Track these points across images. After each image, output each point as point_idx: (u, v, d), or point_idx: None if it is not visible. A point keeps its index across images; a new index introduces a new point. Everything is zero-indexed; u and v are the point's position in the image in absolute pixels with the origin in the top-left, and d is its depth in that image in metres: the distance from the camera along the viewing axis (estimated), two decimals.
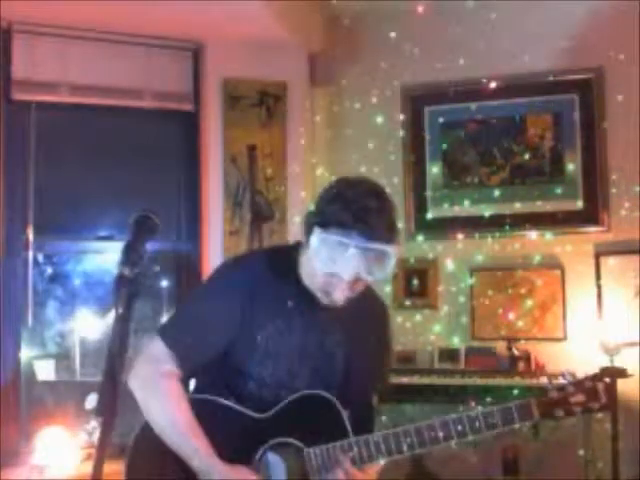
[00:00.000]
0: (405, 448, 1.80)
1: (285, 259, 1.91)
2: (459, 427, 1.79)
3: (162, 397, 1.81)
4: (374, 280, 1.81)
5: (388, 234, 1.75)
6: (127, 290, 1.37)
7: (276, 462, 1.82)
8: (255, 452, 1.81)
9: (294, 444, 1.82)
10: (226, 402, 1.84)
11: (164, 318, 3.98)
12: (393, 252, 1.76)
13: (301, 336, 1.89)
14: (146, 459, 1.82)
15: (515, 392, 3.77)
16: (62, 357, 4.17)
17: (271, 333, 1.86)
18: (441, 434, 1.79)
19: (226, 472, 1.74)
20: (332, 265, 1.74)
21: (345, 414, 1.85)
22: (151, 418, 1.80)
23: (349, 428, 1.84)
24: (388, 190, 1.86)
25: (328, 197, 1.81)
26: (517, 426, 1.82)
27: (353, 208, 1.73)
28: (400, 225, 4.78)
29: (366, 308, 1.94)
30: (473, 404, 3.90)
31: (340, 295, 1.79)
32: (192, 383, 1.97)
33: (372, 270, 1.75)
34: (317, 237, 1.76)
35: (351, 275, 1.74)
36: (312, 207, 1.85)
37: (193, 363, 1.85)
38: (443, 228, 4.45)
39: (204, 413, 1.81)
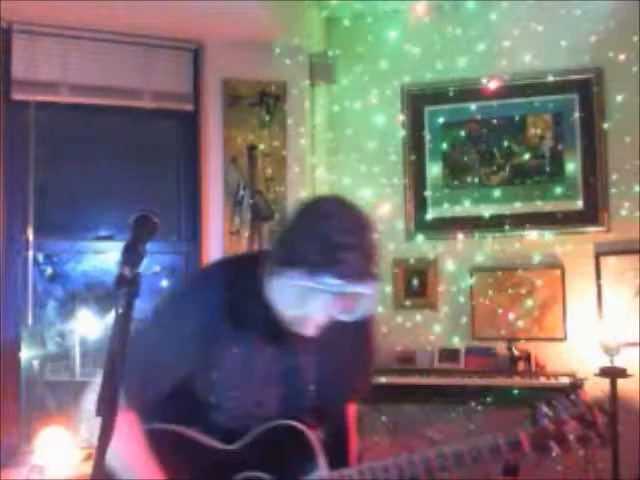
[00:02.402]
0: None
1: (249, 277, 1.68)
2: (441, 462, 1.65)
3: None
4: (352, 319, 1.63)
5: (365, 273, 1.54)
6: (127, 290, 1.37)
7: None
8: None
9: (263, 479, 1.70)
10: (191, 433, 1.72)
11: None
12: (371, 292, 1.57)
13: (268, 362, 1.72)
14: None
15: (515, 392, 3.77)
16: (62, 357, 4.17)
17: (233, 362, 1.70)
18: (422, 470, 1.64)
19: None
20: (300, 309, 1.58)
21: (317, 439, 1.72)
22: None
23: (321, 458, 1.70)
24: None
25: (295, 230, 1.59)
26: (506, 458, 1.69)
27: (325, 247, 1.50)
28: (400, 225, 4.76)
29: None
30: (473, 404, 3.91)
31: (311, 331, 1.65)
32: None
33: (347, 311, 1.59)
34: (283, 278, 1.56)
35: (322, 319, 1.60)
36: (277, 234, 1.63)
37: (143, 402, 1.68)
38: (443, 228, 4.45)
39: (167, 444, 1.68)
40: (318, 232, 1.53)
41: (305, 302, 1.57)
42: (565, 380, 3.80)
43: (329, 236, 1.52)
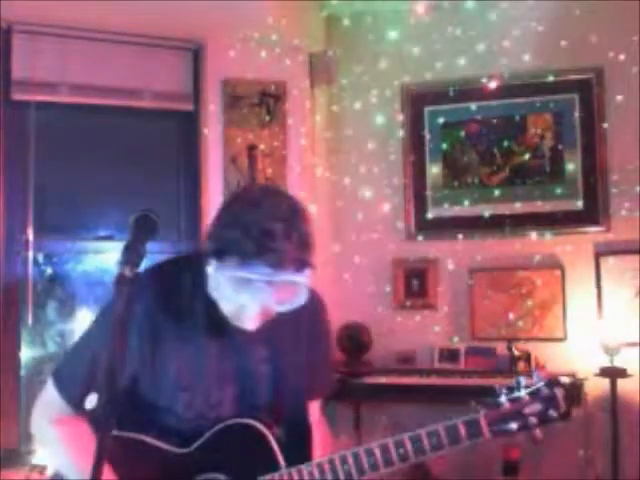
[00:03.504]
0: (342, 476, 1.61)
1: (190, 275, 1.66)
2: (400, 450, 1.60)
3: (54, 445, 1.74)
4: (284, 310, 1.58)
5: (298, 260, 1.50)
6: (127, 290, 1.37)
7: None
8: None
9: None
10: (144, 438, 1.69)
11: None
12: (304, 280, 1.53)
13: (216, 361, 1.69)
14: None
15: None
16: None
17: (179, 363, 1.67)
18: (381, 459, 1.60)
19: None
20: (235, 299, 1.55)
21: (275, 437, 1.69)
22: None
23: (279, 456, 1.66)
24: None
25: (225, 220, 1.55)
26: (467, 444, 1.61)
27: (254, 234, 1.47)
28: (400, 225, 4.75)
29: (293, 311, 1.67)
30: (473, 404, 3.91)
31: (251, 324, 1.60)
32: None
33: (282, 301, 1.54)
34: (214, 270, 1.53)
35: (257, 309, 1.56)
36: (209, 227, 1.58)
37: (82, 397, 1.59)
38: (443, 228, 4.45)
39: (121, 450, 1.62)
40: (248, 221, 1.49)
41: (239, 293, 1.53)
42: (565, 380, 3.79)
43: (259, 224, 1.49)
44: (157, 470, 1.68)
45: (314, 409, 1.90)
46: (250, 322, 1.60)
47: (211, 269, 1.54)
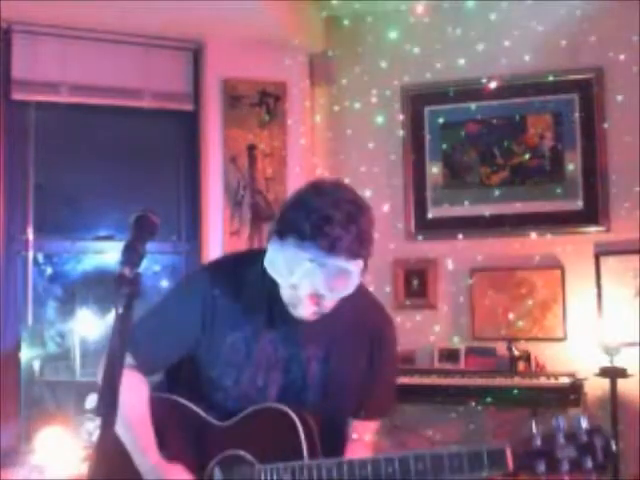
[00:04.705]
0: (358, 479, 1.61)
1: (256, 263, 1.72)
2: (420, 465, 1.58)
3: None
4: (335, 297, 1.65)
5: (352, 249, 1.59)
6: (127, 290, 1.37)
7: None
8: (208, 461, 1.74)
9: (247, 459, 1.71)
10: (190, 406, 1.78)
11: None
12: (356, 269, 1.62)
13: (269, 346, 1.76)
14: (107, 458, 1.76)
15: (515, 392, 3.77)
16: (62, 357, 4.17)
17: (234, 342, 1.75)
18: (399, 470, 1.59)
19: (161, 471, 1.69)
20: (288, 278, 1.62)
21: (306, 430, 1.70)
22: None
23: (305, 448, 1.68)
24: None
25: (291, 204, 1.66)
26: (486, 475, 1.54)
27: (314, 218, 1.57)
28: (400, 225, 4.75)
29: (359, 322, 1.79)
30: (473, 404, 3.91)
31: (305, 311, 1.66)
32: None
33: (332, 287, 1.61)
34: (272, 246, 1.64)
35: (307, 290, 1.61)
36: (277, 211, 1.71)
37: (152, 366, 1.79)
38: (443, 228, 4.45)
39: (166, 413, 1.77)
40: (309, 206, 1.59)
41: (293, 272, 1.60)
42: (565, 380, 3.80)
43: (320, 209, 1.58)
44: (194, 438, 1.75)
45: (368, 429, 1.88)
46: (304, 309, 1.65)
47: (271, 247, 1.63)
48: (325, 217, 1.57)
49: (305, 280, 1.59)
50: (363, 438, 1.86)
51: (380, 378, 1.85)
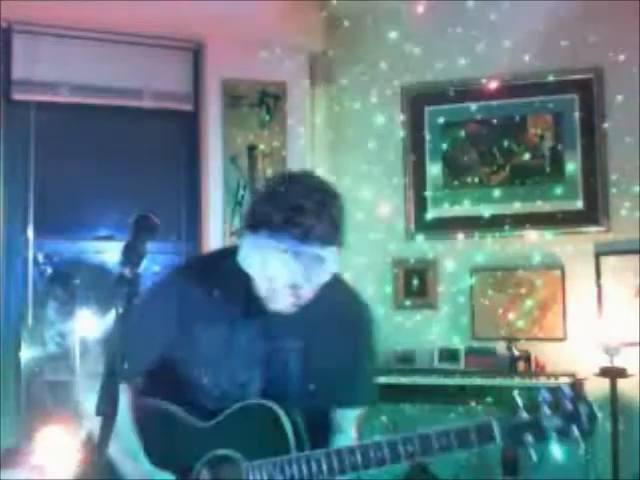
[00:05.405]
0: (348, 467, 1.61)
1: (230, 259, 1.71)
2: (409, 447, 1.59)
3: None
4: (313, 287, 1.64)
5: (325, 236, 1.58)
6: (127, 290, 1.37)
7: None
8: (195, 462, 1.73)
9: (233, 458, 1.70)
10: (173, 409, 1.78)
11: None
12: (330, 256, 1.61)
13: (247, 342, 1.74)
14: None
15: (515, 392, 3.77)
16: (62, 357, 4.17)
17: (212, 341, 1.74)
18: (388, 454, 1.60)
19: (149, 477, 1.69)
20: (264, 271, 1.62)
21: (292, 423, 1.69)
22: None
23: (292, 442, 1.67)
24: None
25: (261, 197, 1.66)
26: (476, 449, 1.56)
27: (285, 208, 1.57)
28: (400, 225, 4.74)
29: (336, 311, 1.77)
30: (473, 404, 3.91)
31: (283, 303, 1.66)
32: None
33: (308, 275, 1.61)
34: (245, 241, 1.63)
35: (286, 282, 1.61)
36: (248, 205, 1.71)
37: (130, 373, 1.68)
38: (443, 228, 4.45)
39: (149, 418, 1.75)
40: (281, 196, 1.59)
41: (267, 265, 1.61)
42: (565, 380, 3.80)
43: (291, 199, 1.58)
44: (179, 441, 1.75)
45: (353, 417, 1.86)
46: (282, 302, 1.65)
47: (244, 242, 1.63)
48: (296, 207, 1.57)
49: (281, 271, 1.60)
50: (348, 428, 1.85)
51: (360, 364, 1.83)
